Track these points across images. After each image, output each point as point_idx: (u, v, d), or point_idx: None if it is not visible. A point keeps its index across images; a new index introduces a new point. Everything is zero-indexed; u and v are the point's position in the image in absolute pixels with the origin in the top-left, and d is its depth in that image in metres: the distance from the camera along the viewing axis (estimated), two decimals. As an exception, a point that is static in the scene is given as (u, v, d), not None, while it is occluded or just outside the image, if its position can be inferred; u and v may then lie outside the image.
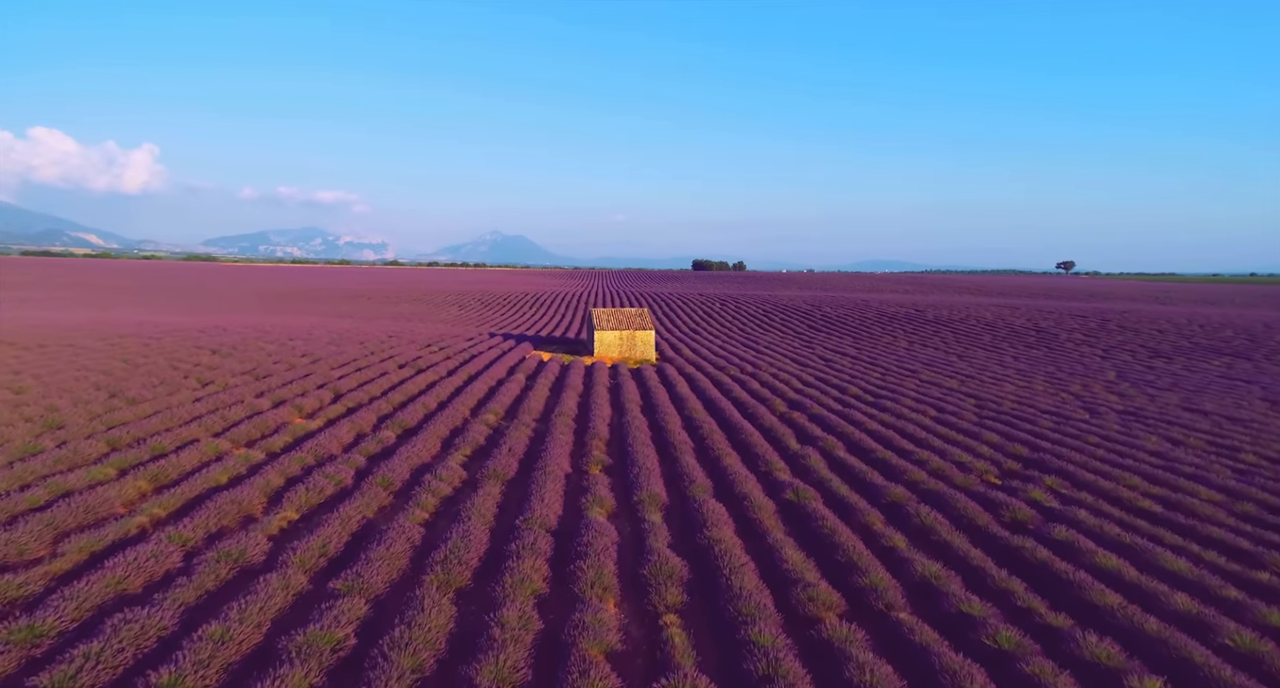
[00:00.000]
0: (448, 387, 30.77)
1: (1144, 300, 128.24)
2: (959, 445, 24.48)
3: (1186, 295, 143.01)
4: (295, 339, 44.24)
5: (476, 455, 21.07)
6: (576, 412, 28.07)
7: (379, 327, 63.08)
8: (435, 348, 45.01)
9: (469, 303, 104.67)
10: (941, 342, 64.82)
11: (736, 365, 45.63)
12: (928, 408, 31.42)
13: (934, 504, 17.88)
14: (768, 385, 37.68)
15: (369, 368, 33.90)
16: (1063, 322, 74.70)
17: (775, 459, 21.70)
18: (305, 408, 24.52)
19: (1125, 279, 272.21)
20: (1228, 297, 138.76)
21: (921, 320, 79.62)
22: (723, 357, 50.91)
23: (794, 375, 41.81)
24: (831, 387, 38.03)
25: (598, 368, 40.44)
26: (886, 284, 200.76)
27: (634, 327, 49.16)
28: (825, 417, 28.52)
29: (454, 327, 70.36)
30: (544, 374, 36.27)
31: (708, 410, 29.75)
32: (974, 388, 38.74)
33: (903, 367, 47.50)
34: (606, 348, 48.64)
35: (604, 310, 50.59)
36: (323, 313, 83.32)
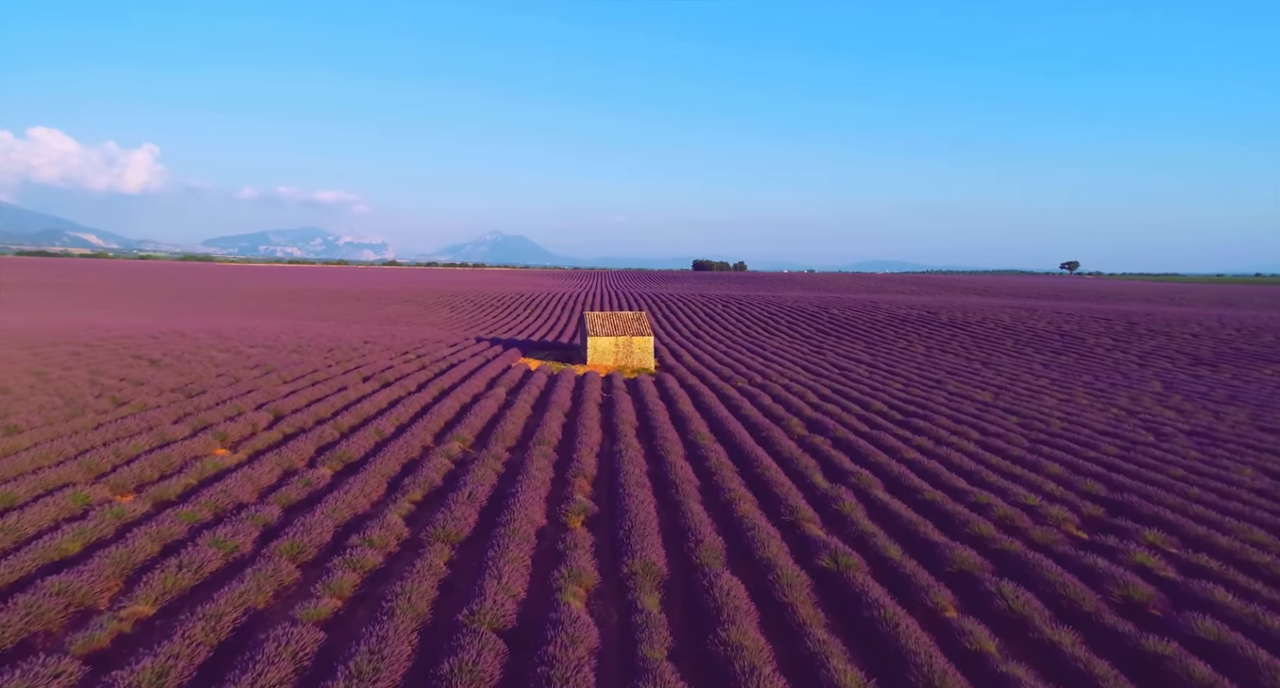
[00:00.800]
0: (413, 405, 26.57)
1: (1160, 301, 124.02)
2: (1020, 482, 20.26)
3: (1200, 296, 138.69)
4: (256, 346, 40.07)
5: (428, 502, 16.85)
6: (560, 437, 23.85)
7: (358, 331, 58.92)
8: (412, 356, 40.82)
9: (461, 305, 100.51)
10: (961, 347, 60.60)
11: (744, 375, 41.42)
12: (968, 429, 27.21)
13: (1016, 576, 13.68)
14: (780, 400, 33.47)
15: (327, 381, 29.70)
16: (1087, 325, 70.47)
17: (800, 503, 17.50)
18: (230, 436, 20.33)
19: (1129, 279, 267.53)
20: (1245, 298, 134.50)
21: (936, 323, 75.43)
22: (728, 364, 46.70)
23: (808, 387, 37.62)
24: (852, 401, 33.83)
25: (590, 379, 36.24)
26: (891, 284, 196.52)
27: (631, 332, 44.95)
28: (852, 442, 24.30)
29: (440, 331, 66.20)
30: (528, 388, 32.08)
31: (714, 434, 25.54)
32: (1011, 402, 34.53)
33: (925, 376, 43.30)
34: (601, 355, 44.46)
35: (598, 314, 46.41)
36: (305, 315, 79.17)
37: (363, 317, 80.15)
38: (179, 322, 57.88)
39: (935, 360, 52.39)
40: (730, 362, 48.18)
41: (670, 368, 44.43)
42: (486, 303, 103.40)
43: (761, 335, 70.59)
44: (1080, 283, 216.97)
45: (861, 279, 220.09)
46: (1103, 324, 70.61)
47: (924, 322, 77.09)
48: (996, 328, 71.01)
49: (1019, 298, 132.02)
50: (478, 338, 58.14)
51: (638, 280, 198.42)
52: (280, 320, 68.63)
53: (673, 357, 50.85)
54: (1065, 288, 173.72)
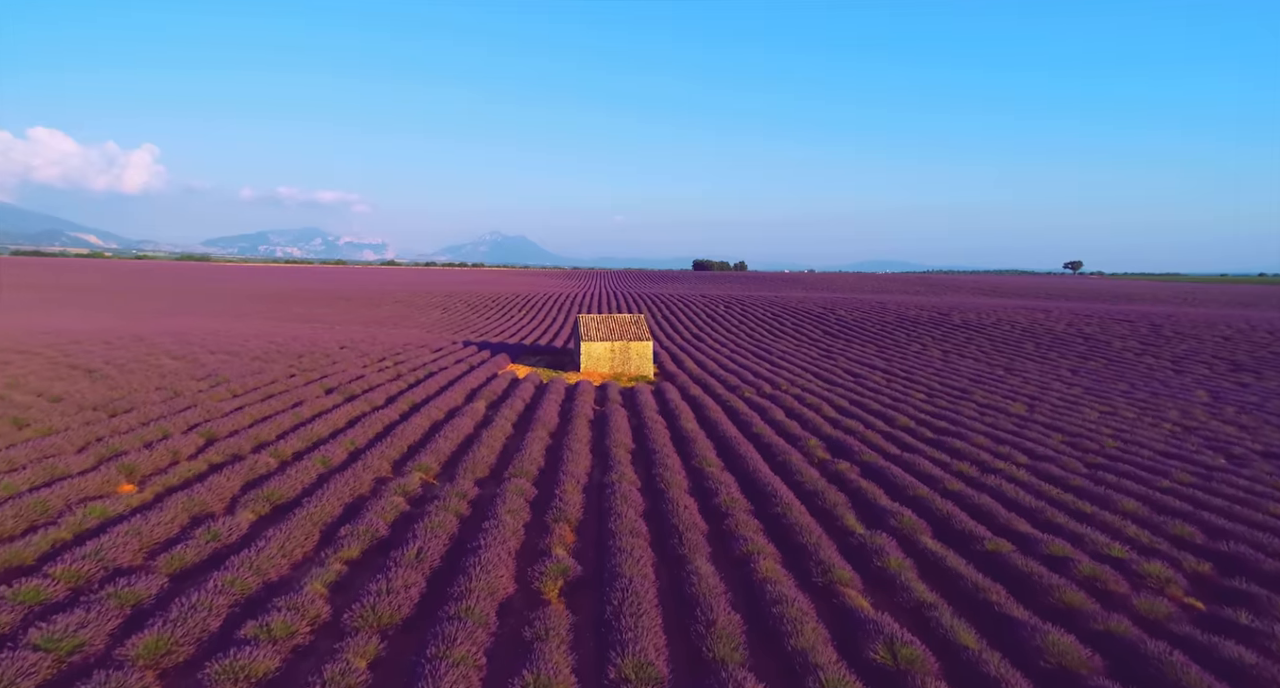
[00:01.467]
0: (376, 424, 23.09)
1: (1173, 302, 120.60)
2: (1094, 524, 16.77)
3: (1213, 297, 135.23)
4: (218, 352, 36.60)
5: (366, 561, 13.37)
6: (542, 464, 20.35)
7: (339, 334, 55.49)
8: (389, 363, 37.35)
9: (454, 306, 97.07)
10: (979, 351, 57.11)
11: (751, 384, 37.92)
12: (1012, 451, 23.73)
13: (1140, 679, 10.21)
14: (795, 415, 29.97)
15: (284, 395, 26.22)
16: (1108, 327, 66.97)
17: (834, 558, 14.04)
18: (141, 468, 16.84)
19: (1132, 279, 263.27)
20: (1260, 298, 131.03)
21: (948, 325, 71.94)
22: (733, 372, 43.21)
23: (822, 397, 34.15)
24: (874, 415, 30.35)
25: (582, 390, 32.75)
26: (895, 285, 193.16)
27: (628, 337, 41.46)
28: (883, 469, 20.81)
29: (428, 334, 62.76)
30: (512, 401, 28.59)
31: (722, 458, 22.04)
32: (1050, 416, 31.05)
33: (948, 385, 39.83)
34: (595, 362, 40.96)
35: (593, 317, 42.92)
36: (289, 317, 75.72)
37: (350, 318, 76.74)
38: (148, 324, 54.42)
39: (955, 366, 48.89)
40: (735, 368, 44.68)
41: (671, 376, 40.93)
42: (480, 304, 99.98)
43: (767, 338, 67.11)
44: (1086, 283, 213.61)
45: (864, 279, 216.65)
46: (1125, 326, 67.11)
47: (936, 323, 73.60)
48: (1014, 330, 67.51)
49: (1029, 298, 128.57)
50: (465, 342, 54.68)
51: (637, 280, 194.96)
52: (260, 323, 65.20)
53: (673, 362, 47.37)
54: (1073, 288, 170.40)
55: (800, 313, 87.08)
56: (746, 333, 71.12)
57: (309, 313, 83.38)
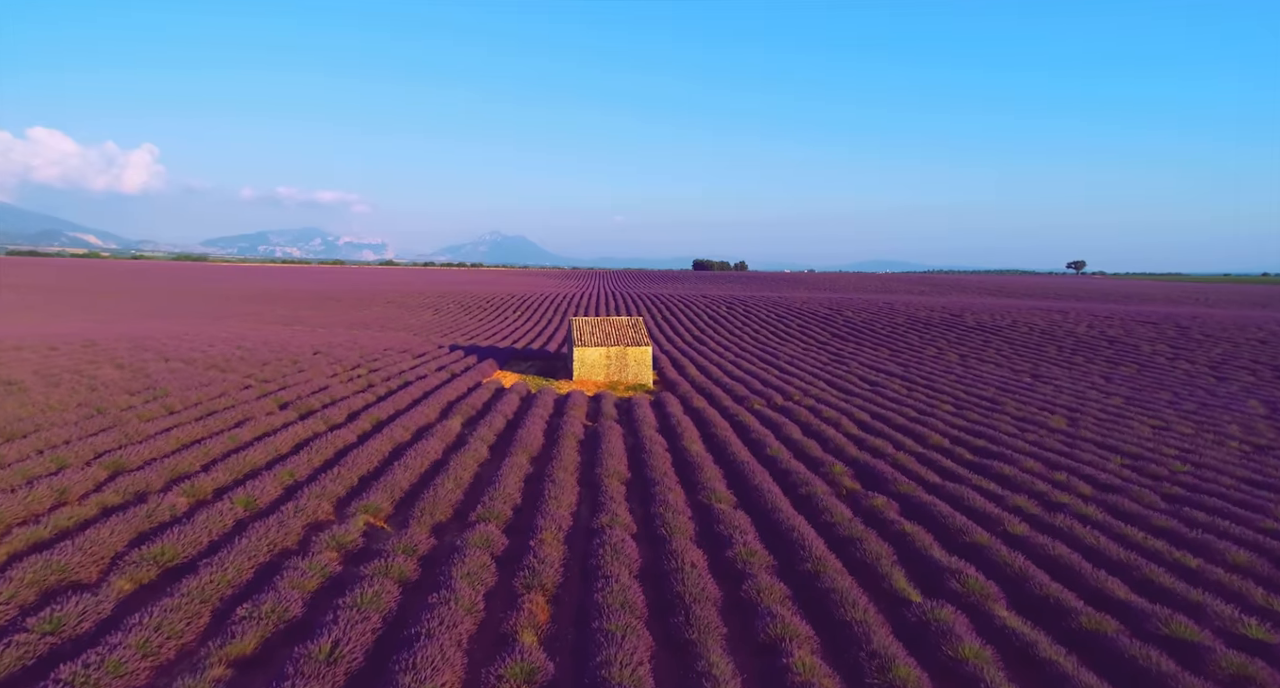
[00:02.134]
0: (329, 447, 19.66)
1: (1187, 302, 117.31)
2: (1209, 587, 13.30)
3: (1226, 297, 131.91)
4: (173, 359, 33.20)
5: (261, 660, 9.89)
6: (519, 501, 16.89)
7: (318, 337, 52.10)
8: (362, 371, 33.94)
9: (447, 306, 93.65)
10: (999, 355, 53.67)
11: (760, 394, 34.48)
12: (1071, 478, 20.31)
13: None
14: (812, 431, 26.51)
15: (227, 412, 22.79)
16: (1132, 329, 63.55)
17: (888, 644, 10.60)
18: (5, 516, 13.39)
19: (1136, 279, 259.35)
20: (1274, 298, 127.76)
21: (962, 327, 68.53)
22: (740, 379, 39.76)
23: (840, 410, 30.74)
24: (901, 432, 26.94)
25: (574, 402, 29.31)
26: (899, 284, 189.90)
27: (625, 342, 38.01)
28: (927, 506, 17.38)
29: (415, 336, 59.35)
30: (492, 417, 25.16)
31: (734, 491, 18.58)
32: (1098, 432, 27.62)
33: (974, 393, 36.42)
34: (589, 369, 37.51)
35: (587, 320, 39.48)
36: (270, 318, 72.31)
37: (335, 320, 73.33)
38: (112, 328, 51.02)
39: (976, 372, 45.46)
40: (742, 375, 41.24)
41: (672, 384, 37.48)
42: (474, 305, 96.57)
43: (772, 342, 63.68)
44: (1092, 283, 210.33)
45: (867, 279, 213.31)
46: (1150, 328, 63.68)
47: (949, 325, 70.18)
48: (1032, 333, 64.09)
49: (1038, 298, 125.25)
50: (453, 346, 51.27)
51: (637, 280, 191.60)
52: (237, 325, 61.81)
53: (674, 368, 43.92)
54: (1081, 288, 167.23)
55: (806, 314, 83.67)
56: (751, 336, 67.69)
57: (294, 314, 79.99)
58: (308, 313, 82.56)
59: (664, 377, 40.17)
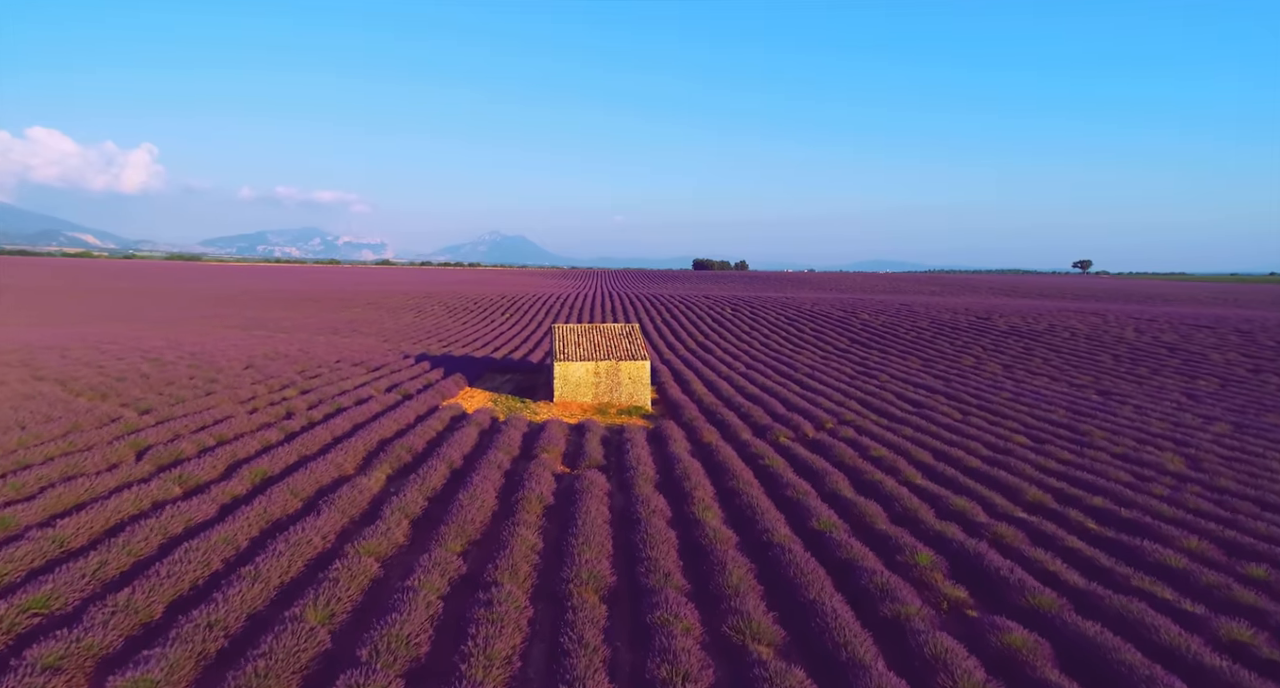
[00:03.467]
0: (157, 533, 12.90)
1: (1218, 304, 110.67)
2: None
3: (1255, 298, 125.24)
4: (47, 378, 26.48)
5: None
6: (425, 653, 10.12)
7: (272, 343, 45.49)
8: (291, 393, 27.29)
9: (431, 308, 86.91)
10: (1049, 366, 46.92)
11: (783, 420, 27.72)
12: (1273, 573, 13.64)
13: None
14: (865, 483, 19.67)
15: (45, 466, 16.08)
16: (1189, 335, 56.81)
17: None
18: None
19: (1144, 279, 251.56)
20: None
21: (995, 332, 61.82)
22: (754, 397, 33.04)
23: (889, 444, 24.08)
24: (981, 481, 20.23)
25: (548, 436, 22.59)
26: (907, 284, 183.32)
27: (618, 354, 31.26)
28: (1100, 649, 10.67)
29: (384, 343, 52.70)
30: (433, 464, 18.42)
31: (777, 613, 11.76)
32: (1238, 480, 20.87)
33: (1040, 416, 29.78)
34: (573, 389, 30.76)
35: (572, 328, 32.78)
36: (234, 322, 65.59)
37: (305, 323, 66.62)
38: (29, 333, 44.37)
39: (1032, 388, 38.75)
40: (757, 392, 34.51)
41: (675, 406, 30.70)
42: (461, 306, 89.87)
43: (786, 349, 56.92)
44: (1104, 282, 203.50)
45: (872, 279, 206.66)
46: (1208, 334, 56.94)
47: (980, 329, 63.46)
48: (1075, 338, 57.39)
49: (1056, 299, 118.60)
50: (421, 355, 44.58)
51: (635, 280, 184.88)
52: (186, 330, 55.16)
53: (677, 383, 37.20)
54: (1095, 288, 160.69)
55: (818, 316, 76.96)
56: (760, 341, 60.93)
57: (262, 317, 73.34)
58: (280, 315, 75.90)
59: (665, 395, 33.46)
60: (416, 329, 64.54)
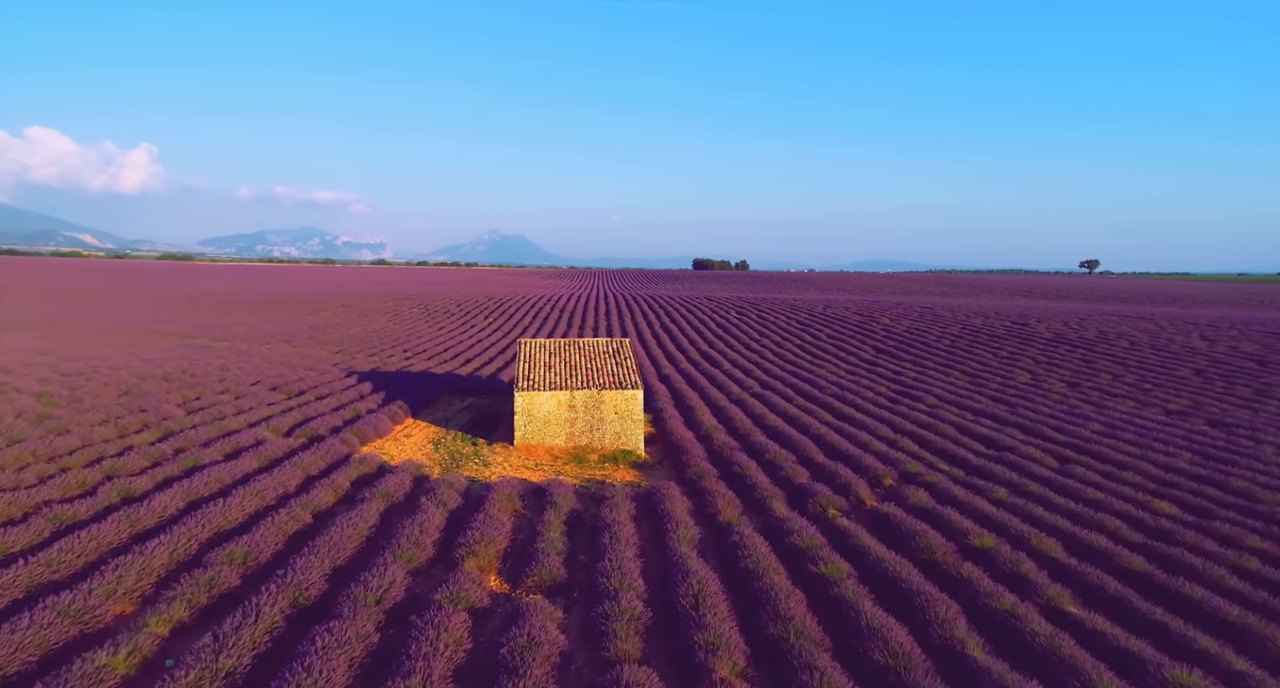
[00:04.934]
0: None
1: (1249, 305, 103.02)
2: None
3: None
4: None
5: None
6: None
7: (199, 355, 37.96)
8: (148, 437, 19.67)
9: (407, 311, 79.21)
10: (1122, 383, 39.20)
11: (825, 475, 20.07)
12: None
13: None
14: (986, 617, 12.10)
15: None
16: (1273, 344, 49.15)
17: None
18: None
19: (1150, 278, 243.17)
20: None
21: (1039, 340, 54.20)
22: (782, 435, 25.31)
23: (983, 518, 16.51)
24: (1171, 606, 12.65)
25: (489, 515, 14.94)
26: (916, 285, 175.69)
27: (601, 381, 23.53)
28: None
29: (336, 354, 45.13)
30: (267, 599, 10.85)
31: None
32: None
33: (1163, 463, 22.18)
34: (541, 428, 23.01)
35: (544, 345, 25.11)
36: (178, 328, 57.87)
37: (261, 329, 58.94)
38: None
39: (1121, 416, 31.11)
40: (780, 424, 26.85)
41: (677, 447, 23.01)
42: (442, 309, 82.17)
43: (803, 359, 49.23)
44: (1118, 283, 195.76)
45: (878, 279, 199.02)
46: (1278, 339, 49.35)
47: (1022, 338, 55.83)
48: (1136, 348, 49.78)
49: (1082, 301, 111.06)
50: (372, 371, 36.99)
51: (634, 280, 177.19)
52: (108, 339, 47.53)
53: (678, 410, 29.57)
54: (1117, 289, 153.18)
55: (833, 320, 69.30)
56: (773, 351, 53.27)
57: (216, 322, 65.71)
58: (237, 319, 68.27)
59: (663, 428, 25.79)
60: (383, 336, 56.87)
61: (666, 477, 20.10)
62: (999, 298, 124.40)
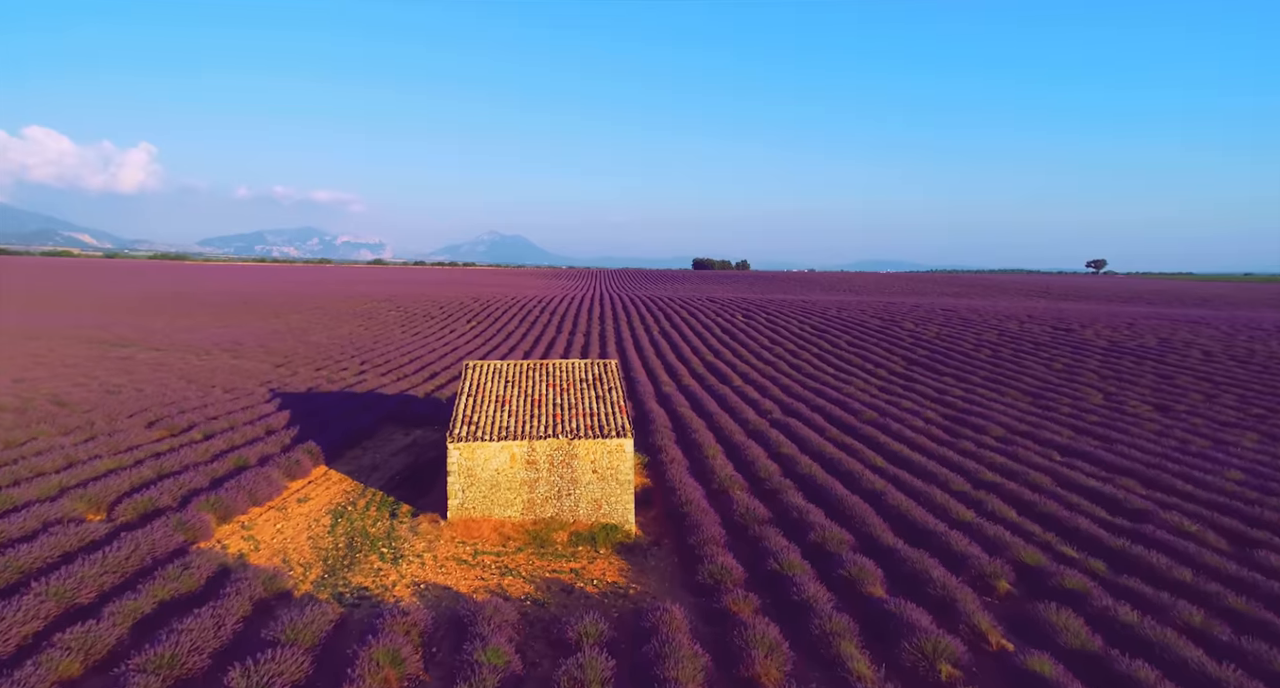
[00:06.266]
0: None
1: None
2: None
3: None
4: None
5: None
6: None
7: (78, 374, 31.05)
8: None
9: (384, 314, 72.19)
10: (1217, 405, 32.19)
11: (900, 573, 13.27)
12: None
13: None
14: None
15: None
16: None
17: None
18: None
19: (1156, 278, 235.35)
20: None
21: (1093, 349, 47.26)
22: (819, 486, 18.43)
23: (1163, 655, 9.67)
24: None
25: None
26: (925, 285, 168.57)
27: (574, 425, 16.52)
28: None
29: (277, 368, 38.25)
30: None
31: None
32: None
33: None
34: (485, 496, 16.04)
35: (499, 370, 18.11)
36: (105, 335, 50.91)
37: (201, 338, 51.97)
38: None
39: (1254, 457, 24.21)
40: (816, 470, 19.93)
41: (679, 513, 16.06)
42: (422, 312, 75.19)
43: (826, 372, 42.20)
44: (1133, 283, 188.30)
45: (885, 279, 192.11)
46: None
47: (1072, 345, 48.90)
48: (1213, 358, 42.85)
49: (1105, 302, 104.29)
50: (308, 392, 30.15)
51: (633, 280, 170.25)
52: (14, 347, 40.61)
53: (681, 448, 22.69)
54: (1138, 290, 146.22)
55: (851, 325, 62.35)
56: (789, 361, 46.31)
57: (168, 325, 58.80)
58: (192, 323, 61.32)
59: (662, 478, 18.87)
60: (346, 344, 49.88)
61: (667, 577, 13.24)
62: (1017, 299, 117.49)
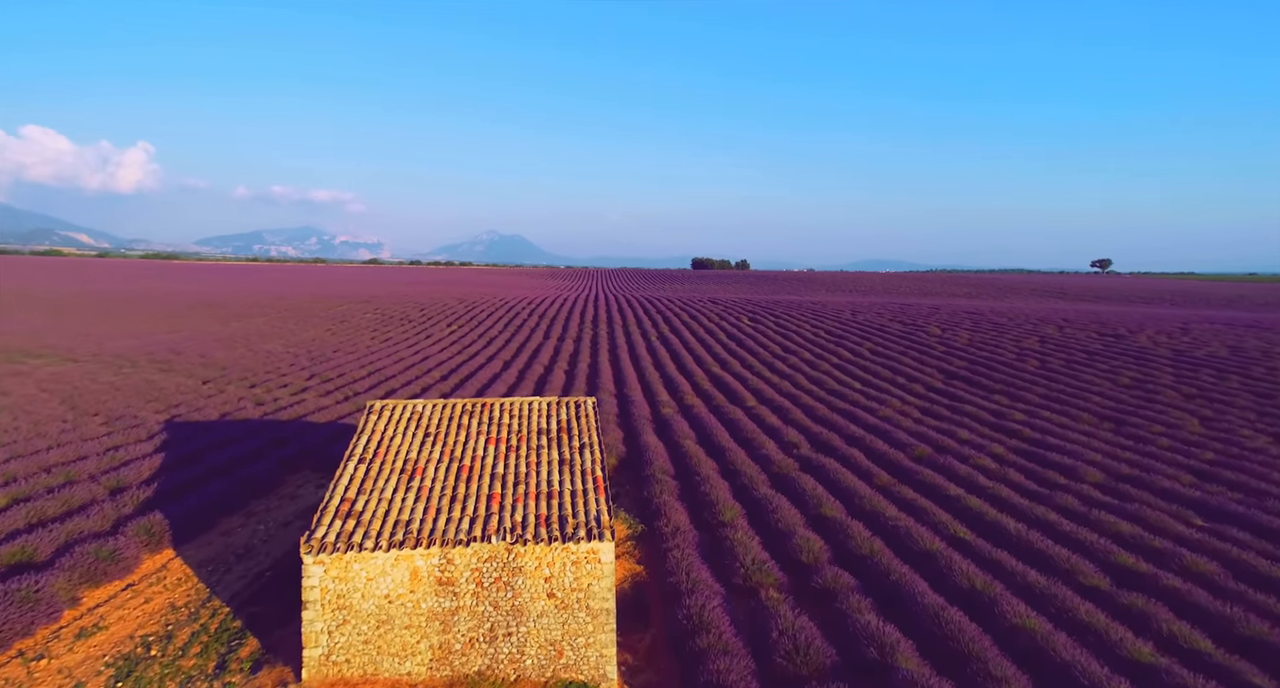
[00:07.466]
0: None
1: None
2: None
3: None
4: None
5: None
6: None
7: None
8: None
9: (359, 317, 65.91)
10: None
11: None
12: None
13: None
14: None
15: None
16: None
17: None
18: None
19: (1162, 278, 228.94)
20: None
21: (1153, 358, 41.15)
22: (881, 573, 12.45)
23: None
24: None
25: None
26: (935, 285, 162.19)
27: (518, 517, 10.36)
28: None
29: (206, 384, 32.11)
30: None
31: None
32: None
33: None
34: (376, 638, 9.85)
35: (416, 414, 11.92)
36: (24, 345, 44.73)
37: (141, 345, 45.78)
38: None
39: None
40: (884, 551, 13.87)
41: (700, 662, 10.11)
42: (401, 314, 68.93)
43: (850, 387, 36.01)
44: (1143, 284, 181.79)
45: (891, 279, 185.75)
46: None
47: (1129, 354, 42.77)
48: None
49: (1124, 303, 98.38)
50: (222, 416, 23.94)
51: (632, 280, 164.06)
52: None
53: (686, 505, 16.60)
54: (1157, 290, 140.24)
55: (870, 330, 56.17)
56: (807, 374, 40.12)
57: (109, 330, 52.75)
58: (140, 326, 55.19)
59: (662, 565, 12.77)
60: (300, 354, 43.61)
61: None
62: (1034, 300, 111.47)
